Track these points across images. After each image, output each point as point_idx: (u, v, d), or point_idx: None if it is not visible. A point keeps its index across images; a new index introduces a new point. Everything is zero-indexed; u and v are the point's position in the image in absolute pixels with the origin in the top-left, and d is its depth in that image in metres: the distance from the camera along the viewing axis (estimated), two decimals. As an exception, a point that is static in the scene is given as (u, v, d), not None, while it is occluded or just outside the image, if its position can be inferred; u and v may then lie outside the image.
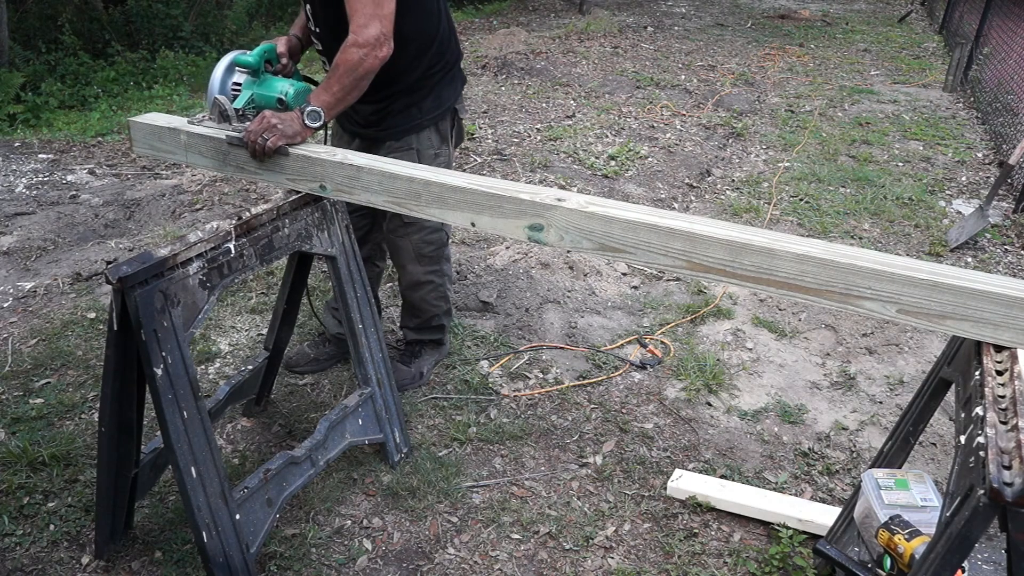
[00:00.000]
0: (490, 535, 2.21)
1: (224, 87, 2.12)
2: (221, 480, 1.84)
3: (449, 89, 2.47)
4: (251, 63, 2.10)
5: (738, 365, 2.99)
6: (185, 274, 1.74)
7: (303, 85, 2.14)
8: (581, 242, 1.70)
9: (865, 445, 2.58)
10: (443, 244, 2.66)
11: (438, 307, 2.76)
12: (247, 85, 2.12)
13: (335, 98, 2.07)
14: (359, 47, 2.03)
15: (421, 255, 2.61)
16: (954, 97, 6.84)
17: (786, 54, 8.40)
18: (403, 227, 2.56)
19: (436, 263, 2.67)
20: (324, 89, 2.07)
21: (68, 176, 4.70)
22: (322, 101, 2.05)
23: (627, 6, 11.25)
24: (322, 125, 2.07)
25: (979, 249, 3.96)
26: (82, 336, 3.03)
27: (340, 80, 2.05)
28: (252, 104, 2.11)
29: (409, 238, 2.57)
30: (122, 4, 9.01)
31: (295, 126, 2.01)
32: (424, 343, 2.85)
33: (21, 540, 2.13)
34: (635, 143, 5.39)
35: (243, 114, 2.09)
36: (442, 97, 2.44)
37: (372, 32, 2.02)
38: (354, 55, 2.03)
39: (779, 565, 2.10)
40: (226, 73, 2.12)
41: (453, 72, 2.48)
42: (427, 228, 2.56)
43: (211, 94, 2.10)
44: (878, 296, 1.46)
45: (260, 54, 2.12)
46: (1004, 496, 1.13)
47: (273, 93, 2.11)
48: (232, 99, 2.10)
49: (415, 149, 2.43)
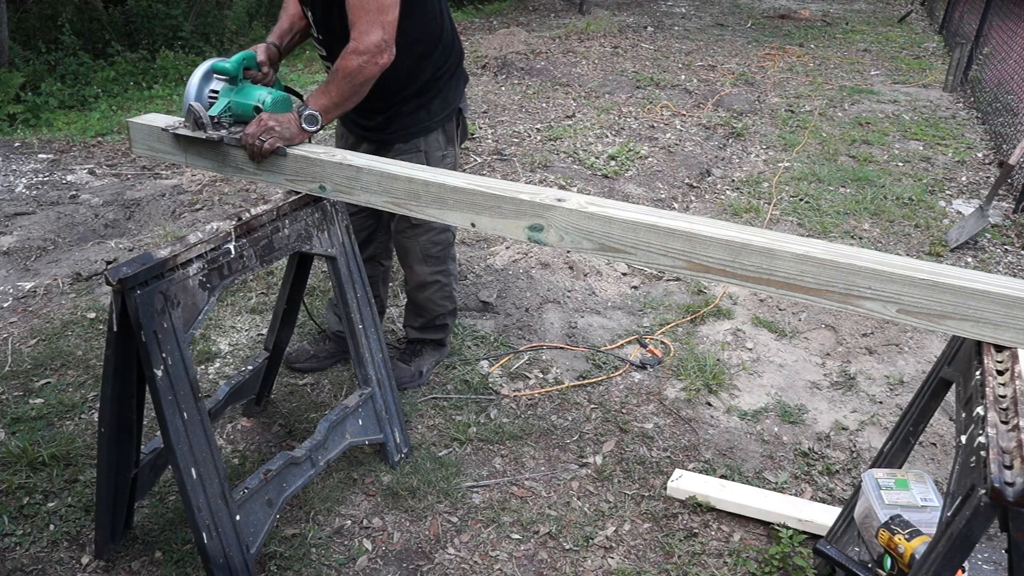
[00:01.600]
0: (490, 535, 2.21)
1: (200, 94, 2.09)
2: (221, 480, 1.84)
3: (455, 91, 2.47)
4: (229, 70, 2.07)
5: (738, 365, 2.99)
6: (185, 275, 1.74)
7: (281, 94, 2.11)
8: (581, 242, 1.70)
9: (865, 445, 2.58)
10: (449, 244, 2.67)
11: (443, 307, 2.77)
12: (224, 92, 2.09)
13: (332, 103, 2.06)
14: (359, 54, 2.01)
15: (428, 256, 2.62)
16: (954, 97, 6.84)
17: (786, 54, 8.40)
18: (410, 228, 2.56)
19: (443, 263, 2.67)
20: (322, 93, 2.05)
21: (68, 176, 4.70)
22: (320, 105, 2.04)
23: (627, 6, 11.25)
24: (319, 129, 2.06)
25: (979, 249, 3.96)
26: (82, 336, 3.03)
27: (339, 86, 2.04)
28: (228, 112, 2.09)
29: (417, 239, 2.58)
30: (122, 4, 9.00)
31: (292, 129, 2.01)
32: (426, 342, 2.86)
33: (21, 540, 2.13)
34: (635, 143, 5.39)
35: (218, 121, 2.06)
36: (449, 99, 2.45)
37: (373, 39, 2.00)
38: (353, 62, 2.01)
39: (779, 565, 2.10)
40: (203, 80, 2.10)
41: (458, 72, 2.48)
42: (434, 229, 2.56)
43: (187, 100, 2.07)
44: (878, 296, 1.46)
45: (239, 61, 2.09)
46: (1005, 496, 1.13)
47: (250, 101, 2.07)
48: (208, 106, 2.08)
49: (423, 151, 2.43)
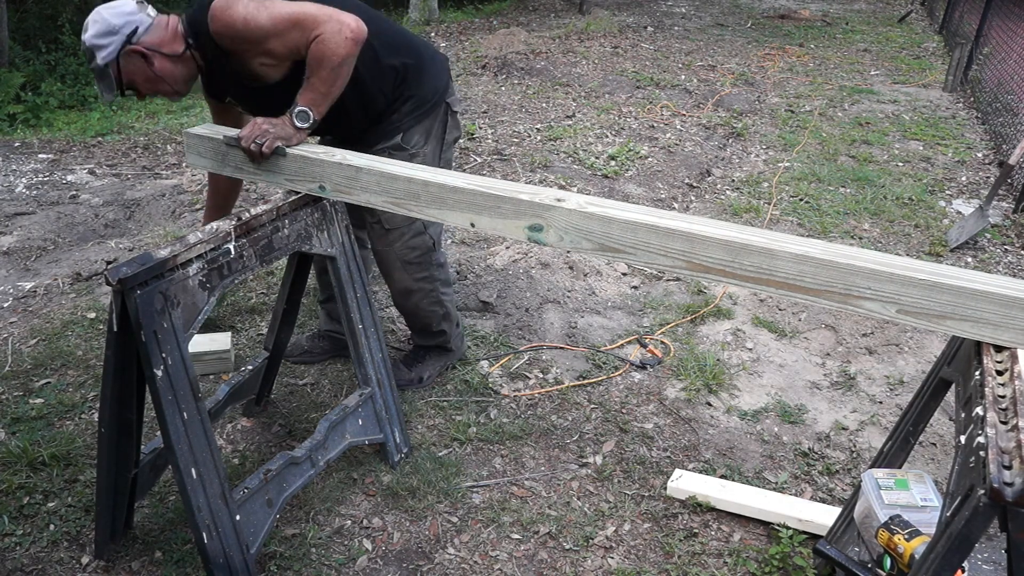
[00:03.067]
0: (490, 535, 2.21)
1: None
2: (221, 481, 1.84)
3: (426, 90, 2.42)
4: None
5: (738, 365, 2.99)
6: (185, 275, 1.74)
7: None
8: (581, 242, 1.70)
9: (865, 445, 2.58)
10: (428, 249, 2.58)
11: (433, 313, 2.70)
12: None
13: (319, 93, 2.04)
14: (323, 41, 1.98)
15: (407, 262, 2.56)
16: (954, 97, 6.84)
17: (786, 54, 8.40)
18: (383, 237, 2.51)
19: (424, 269, 2.60)
20: (307, 88, 2.04)
21: (68, 176, 4.70)
22: (308, 100, 2.03)
23: (627, 6, 11.25)
24: (313, 124, 2.05)
25: (979, 249, 3.96)
26: (82, 336, 3.03)
27: (317, 74, 2.01)
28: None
29: (391, 247, 2.52)
30: (122, 4, 9.00)
31: (287, 130, 2.01)
32: (429, 348, 2.82)
33: (21, 540, 2.13)
34: (635, 143, 5.39)
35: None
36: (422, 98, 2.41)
37: (329, 25, 1.97)
38: (321, 47, 1.98)
39: (779, 565, 2.10)
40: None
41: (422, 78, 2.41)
42: (408, 233, 2.50)
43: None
44: (878, 296, 1.46)
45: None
46: (1004, 496, 1.13)
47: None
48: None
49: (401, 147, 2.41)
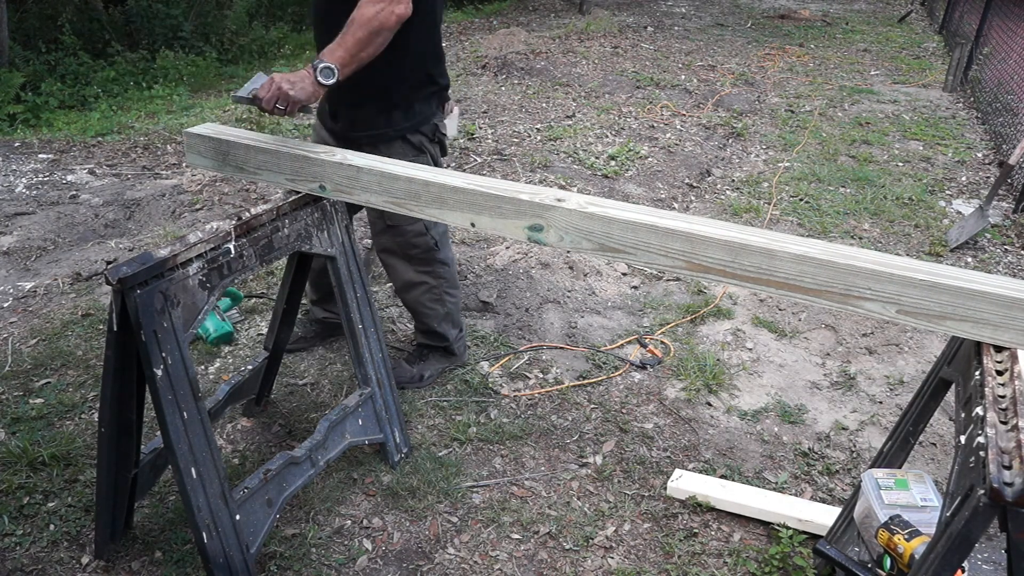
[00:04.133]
0: (490, 535, 2.21)
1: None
2: (221, 480, 1.84)
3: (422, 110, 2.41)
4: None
5: (738, 365, 2.99)
6: (185, 275, 1.74)
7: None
8: (581, 242, 1.70)
9: (865, 445, 2.58)
10: (430, 248, 2.59)
11: (433, 310, 2.70)
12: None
13: (349, 54, 2.00)
14: (375, 2, 1.97)
15: (409, 256, 2.59)
16: (954, 97, 6.84)
17: (786, 54, 8.40)
18: (384, 233, 2.54)
19: (428, 265, 2.62)
20: (338, 45, 2.00)
21: (68, 176, 4.70)
22: (336, 58, 1.99)
23: (627, 6, 11.25)
24: (336, 83, 2.00)
25: (979, 249, 3.96)
26: (82, 336, 3.03)
27: (355, 34, 1.98)
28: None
29: (393, 240, 2.56)
30: (122, 4, 9.01)
31: (307, 88, 1.96)
32: (431, 348, 2.82)
33: (21, 540, 2.13)
34: (635, 143, 5.39)
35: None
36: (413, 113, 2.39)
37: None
38: (369, 9, 1.97)
39: (779, 565, 2.10)
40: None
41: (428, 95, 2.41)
42: (408, 232, 2.52)
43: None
44: (878, 296, 1.46)
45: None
46: (1004, 496, 1.13)
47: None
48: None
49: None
